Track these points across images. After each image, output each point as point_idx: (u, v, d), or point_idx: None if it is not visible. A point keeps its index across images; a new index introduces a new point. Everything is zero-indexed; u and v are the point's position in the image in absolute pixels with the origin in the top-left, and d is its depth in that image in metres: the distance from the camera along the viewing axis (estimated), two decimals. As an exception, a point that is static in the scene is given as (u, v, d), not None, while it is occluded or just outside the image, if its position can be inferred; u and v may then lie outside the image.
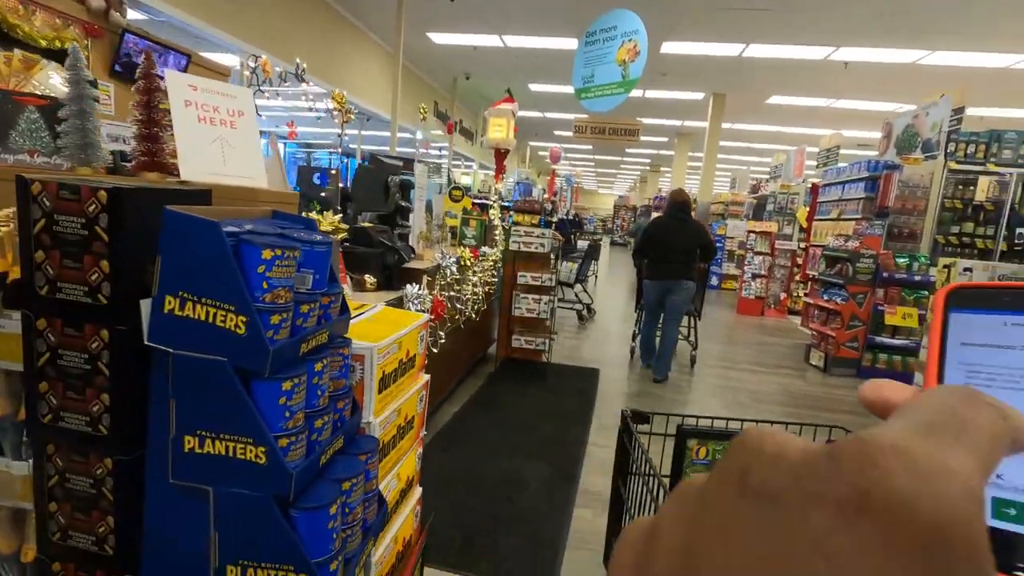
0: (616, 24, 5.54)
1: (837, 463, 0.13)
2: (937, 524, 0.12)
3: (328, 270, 1.07)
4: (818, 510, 0.13)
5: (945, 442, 0.13)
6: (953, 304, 0.24)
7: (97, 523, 0.99)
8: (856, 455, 0.13)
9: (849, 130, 12.01)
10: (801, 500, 0.13)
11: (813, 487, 0.13)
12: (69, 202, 0.89)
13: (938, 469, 0.13)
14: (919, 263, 5.52)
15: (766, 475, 0.14)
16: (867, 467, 0.13)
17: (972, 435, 0.14)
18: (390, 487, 1.34)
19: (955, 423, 0.14)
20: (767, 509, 0.13)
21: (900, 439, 0.13)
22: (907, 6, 6.19)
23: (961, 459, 0.13)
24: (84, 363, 0.94)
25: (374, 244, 2.42)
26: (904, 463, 0.13)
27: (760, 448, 0.15)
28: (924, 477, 0.12)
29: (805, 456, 0.14)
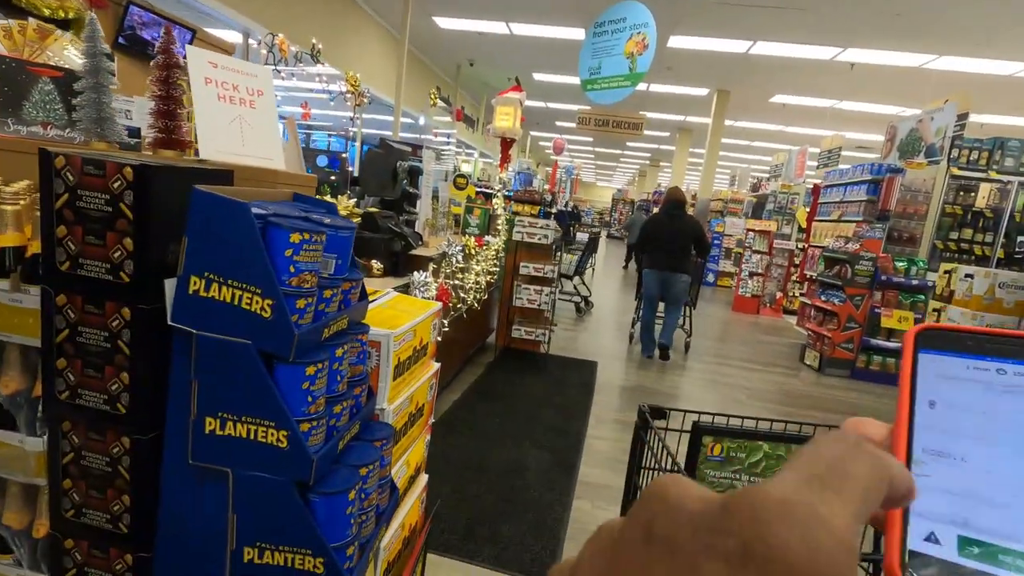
0: (626, 16, 5.49)
1: (729, 515, 0.14)
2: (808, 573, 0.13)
3: (350, 255, 1.07)
4: (709, 561, 0.14)
5: (826, 495, 0.15)
6: (922, 344, 0.24)
7: (112, 501, 0.98)
8: (746, 508, 0.14)
9: (851, 132, 12.03)
10: (695, 550, 0.14)
11: (706, 539, 0.14)
12: (94, 178, 0.88)
13: (815, 522, 0.14)
14: (917, 267, 5.55)
15: (667, 524, 0.15)
16: (753, 521, 0.14)
17: (851, 487, 0.15)
18: (400, 474, 1.34)
19: (837, 475, 0.15)
20: (667, 557, 0.15)
21: (785, 492, 0.14)
22: (918, 8, 6.17)
23: (837, 510, 0.14)
24: (104, 341, 0.93)
25: (381, 230, 2.41)
26: (786, 517, 0.14)
27: (665, 497, 0.16)
28: (802, 529, 0.14)
29: (703, 506, 0.15)
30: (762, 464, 1.09)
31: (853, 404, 4.85)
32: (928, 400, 0.24)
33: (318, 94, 6.98)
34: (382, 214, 2.45)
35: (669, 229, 5.05)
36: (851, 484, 0.15)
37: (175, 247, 0.94)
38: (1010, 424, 0.22)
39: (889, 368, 5.63)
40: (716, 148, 11.33)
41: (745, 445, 1.08)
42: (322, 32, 7.08)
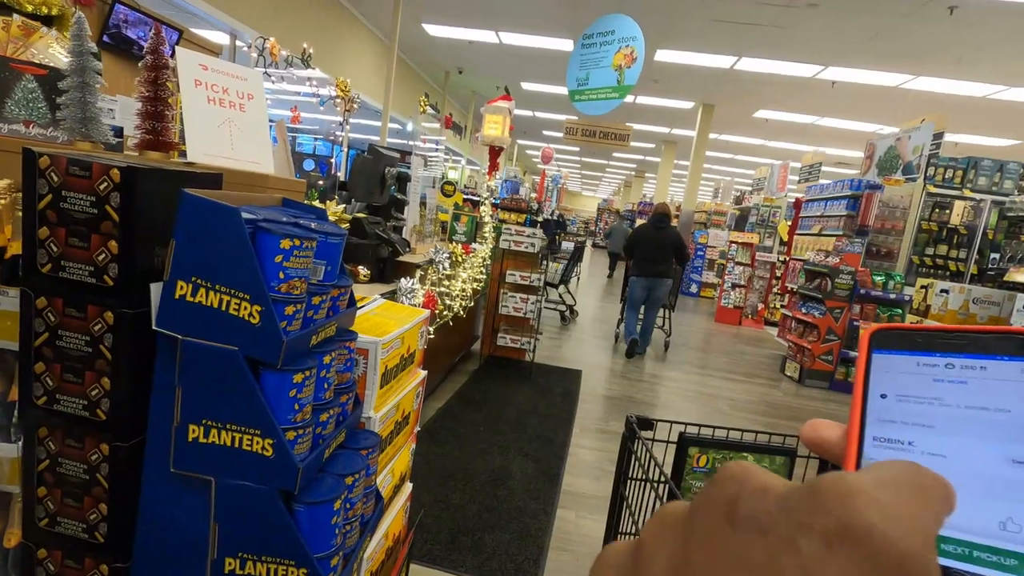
0: (614, 29, 5.56)
1: (819, 497, 0.15)
2: (907, 555, 0.14)
3: (339, 262, 1.06)
4: (805, 538, 0.14)
5: (906, 496, 0.15)
6: (875, 345, 0.25)
7: (89, 510, 0.96)
8: (838, 491, 0.15)
9: (831, 148, 12.30)
10: (789, 529, 0.15)
11: (800, 518, 0.15)
12: (79, 179, 0.87)
13: (904, 514, 0.15)
14: (895, 281, 5.68)
15: (754, 505, 0.16)
16: (847, 504, 0.14)
17: (926, 494, 0.16)
18: (385, 483, 1.33)
19: (912, 484, 0.16)
20: (756, 536, 0.15)
21: (871, 487, 0.15)
22: (895, 31, 6.35)
23: (920, 510, 0.15)
24: (85, 345, 0.91)
25: (368, 235, 2.39)
26: (874, 503, 0.14)
27: (748, 480, 0.16)
28: (893, 518, 0.14)
29: (789, 491, 0.16)
30: (747, 475, 1.10)
31: (832, 415, 4.90)
32: (879, 394, 0.25)
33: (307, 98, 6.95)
34: (370, 220, 2.43)
35: (655, 239, 5.66)
36: (927, 493, 0.16)
37: (161, 251, 0.93)
38: (956, 412, 0.23)
39: (867, 380, 5.73)
40: (700, 161, 11.49)
41: (730, 456, 1.09)
42: (313, 37, 7.06)
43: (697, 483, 1.09)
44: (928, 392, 0.24)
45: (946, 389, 0.24)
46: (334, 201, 1.71)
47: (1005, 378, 0.23)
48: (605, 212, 24.59)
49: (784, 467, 1.20)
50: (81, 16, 1.23)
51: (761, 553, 0.14)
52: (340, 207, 1.68)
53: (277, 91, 6.30)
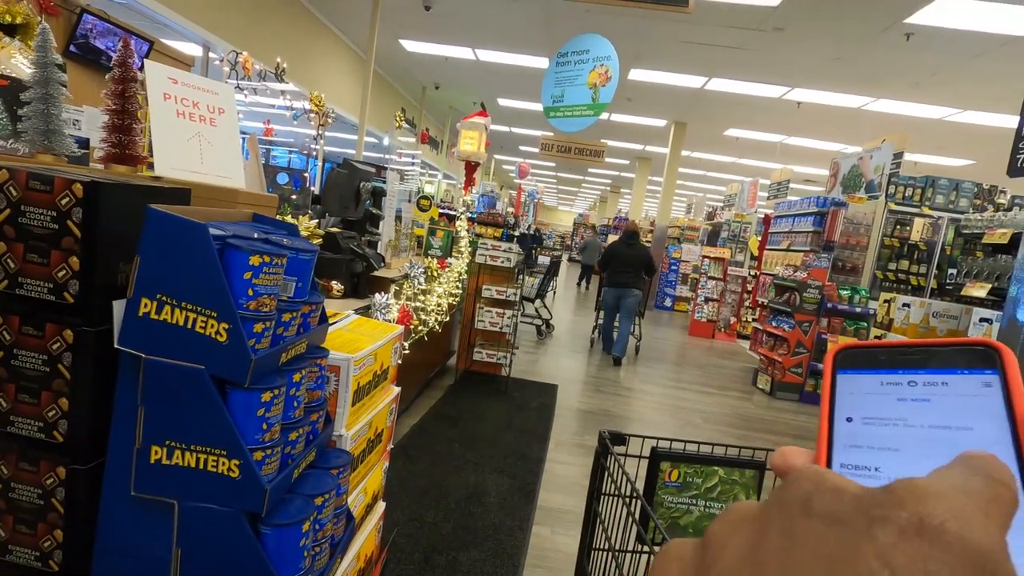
0: (589, 48, 5.68)
1: (894, 497, 0.16)
2: (984, 551, 0.14)
3: (310, 278, 1.05)
4: (883, 529, 0.15)
5: (977, 503, 0.16)
6: (839, 365, 0.25)
7: (43, 537, 0.92)
8: (911, 492, 0.16)
9: (798, 166, 12.69)
10: (867, 522, 0.15)
11: (876, 512, 0.15)
12: (39, 193, 0.84)
13: (977, 516, 0.15)
14: (860, 296, 5.85)
15: (831, 502, 0.16)
16: (922, 502, 0.15)
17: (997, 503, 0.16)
18: (357, 502, 1.31)
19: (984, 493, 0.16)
20: (834, 528, 0.15)
21: (942, 490, 0.16)
22: (856, 56, 6.63)
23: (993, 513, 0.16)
24: (42, 364, 0.88)
25: (342, 250, 2.37)
26: (947, 504, 0.15)
27: (823, 481, 0.17)
28: (968, 516, 0.15)
29: (863, 491, 0.16)
30: (717, 489, 1.12)
31: (803, 427, 5.01)
32: (845, 417, 0.24)
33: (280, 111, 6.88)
34: (344, 234, 2.41)
35: (626, 254, 6.29)
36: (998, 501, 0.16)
37: (125, 267, 0.91)
38: (921, 432, 0.23)
39: (835, 392, 5.86)
40: (673, 177, 11.73)
41: (701, 470, 1.10)
42: (287, 50, 7.02)
43: (669, 497, 1.10)
44: (893, 413, 0.23)
45: (910, 408, 0.23)
46: (307, 216, 1.69)
47: (966, 393, 0.22)
48: (581, 227, 24.84)
49: (754, 480, 1.22)
50: (46, 27, 1.21)
51: (837, 542, 0.15)
52: (313, 222, 1.66)
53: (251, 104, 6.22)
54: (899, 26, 5.69)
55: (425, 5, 7.05)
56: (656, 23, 6.45)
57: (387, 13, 7.19)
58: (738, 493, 1.23)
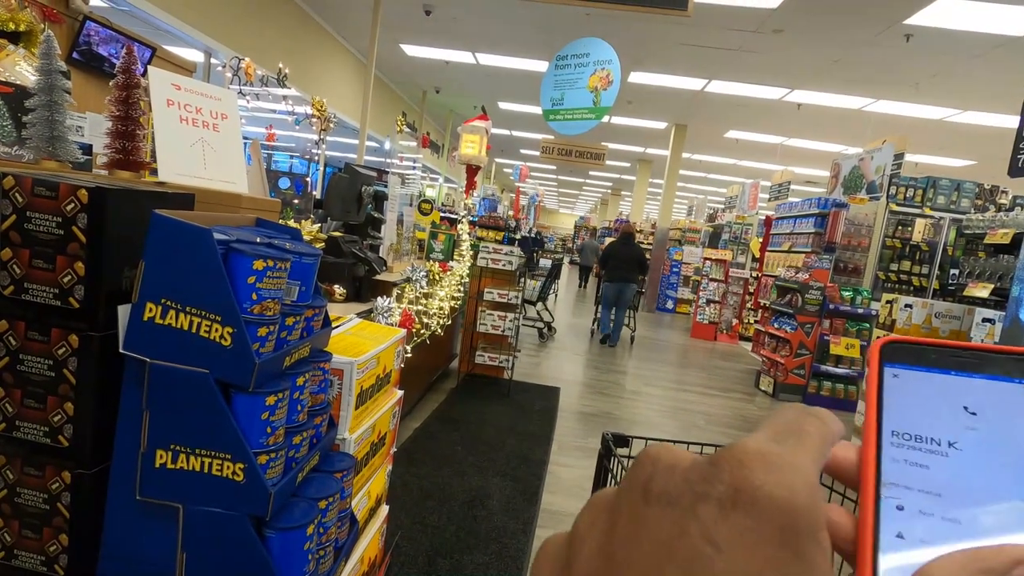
0: (589, 52, 5.69)
1: (717, 468, 0.17)
2: (787, 507, 0.16)
3: (313, 282, 1.05)
4: (704, 506, 0.16)
5: (790, 446, 0.18)
6: (886, 358, 0.24)
7: (48, 542, 0.92)
8: (730, 459, 0.17)
9: (799, 167, 12.69)
10: (691, 500, 0.16)
11: (700, 488, 0.16)
12: (45, 199, 0.85)
13: (788, 466, 0.17)
14: (862, 297, 5.85)
15: (664, 481, 0.17)
16: (738, 469, 0.16)
17: (807, 440, 0.18)
18: (360, 505, 1.31)
19: (796, 432, 0.18)
20: (666, 509, 0.17)
21: (761, 446, 0.17)
22: (856, 57, 6.64)
23: (802, 457, 0.17)
24: (48, 370, 0.89)
25: (344, 254, 2.38)
26: (764, 464, 0.16)
27: (659, 460, 0.18)
28: (779, 473, 0.16)
29: (693, 464, 0.18)
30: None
31: (806, 429, 4.99)
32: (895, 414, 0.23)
33: (282, 116, 6.91)
34: (346, 239, 2.42)
35: (622, 254, 7.18)
36: (807, 437, 0.18)
37: (130, 272, 0.91)
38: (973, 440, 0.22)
39: (839, 394, 5.86)
40: (674, 179, 11.74)
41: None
42: (289, 56, 7.05)
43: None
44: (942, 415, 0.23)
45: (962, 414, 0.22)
46: (309, 220, 1.70)
47: None
48: (582, 229, 24.87)
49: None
50: (50, 34, 1.22)
51: (669, 525, 0.16)
52: (315, 226, 1.67)
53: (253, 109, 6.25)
54: (899, 27, 5.70)
55: (425, 10, 7.08)
56: (656, 26, 6.47)
57: (387, 18, 7.22)
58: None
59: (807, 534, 0.16)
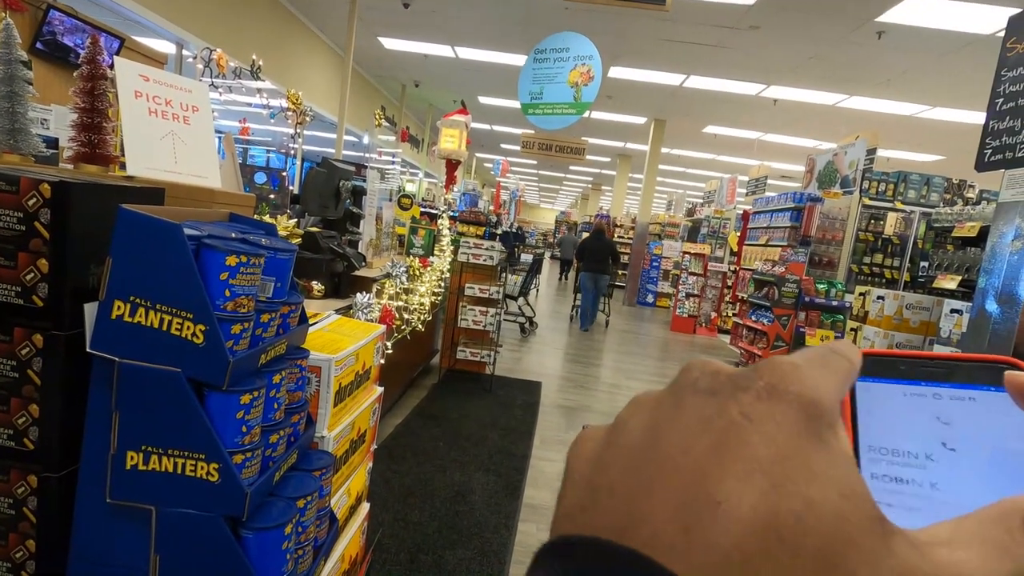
0: (569, 47, 5.69)
1: (757, 371, 0.19)
2: (813, 401, 0.19)
3: (289, 278, 1.03)
4: (745, 394, 0.19)
5: (818, 366, 0.20)
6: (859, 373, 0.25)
7: (15, 548, 0.89)
8: (768, 368, 0.20)
9: (775, 162, 12.88)
10: (733, 390, 0.19)
11: (741, 383, 0.19)
12: (5, 194, 0.82)
13: (815, 377, 0.19)
14: (836, 289, 5.97)
15: (711, 380, 0.20)
16: (775, 372, 0.19)
17: (832, 367, 0.21)
18: (340, 503, 1.29)
19: (824, 362, 0.21)
20: (710, 398, 0.19)
21: (796, 360, 0.20)
22: (830, 54, 6.75)
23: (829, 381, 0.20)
24: (11, 371, 0.86)
25: (322, 250, 2.34)
26: (796, 372, 0.19)
27: (706, 366, 0.21)
28: (809, 380, 0.19)
29: (736, 370, 0.20)
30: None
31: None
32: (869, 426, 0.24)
33: (257, 109, 6.77)
34: (324, 234, 2.39)
35: (596, 247, 8.13)
36: (833, 369, 0.21)
37: (97, 269, 0.89)
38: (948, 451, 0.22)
39: (814, 384, 5.97)
40: (654, 174, 11.82)
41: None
42: (264, 48, 6.91)
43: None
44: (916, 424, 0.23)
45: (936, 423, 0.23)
46: (286, 215, 1.67)
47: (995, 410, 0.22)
48: (563, 224, 24.93)
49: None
50: (10, 23, 1.17)
51: (712, 407, 0.19)
52: (291, 222, 1.64)
53: (227, 102, 6.12)
54: (871, 24, 5.81)
55: (403, 2, 7.00)
56: (634, 21, 6.49)
57: (365, 10, 7.13)
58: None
59: (828, 425, 0.19)
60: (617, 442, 0.20)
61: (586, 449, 0.21)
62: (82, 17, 3.57)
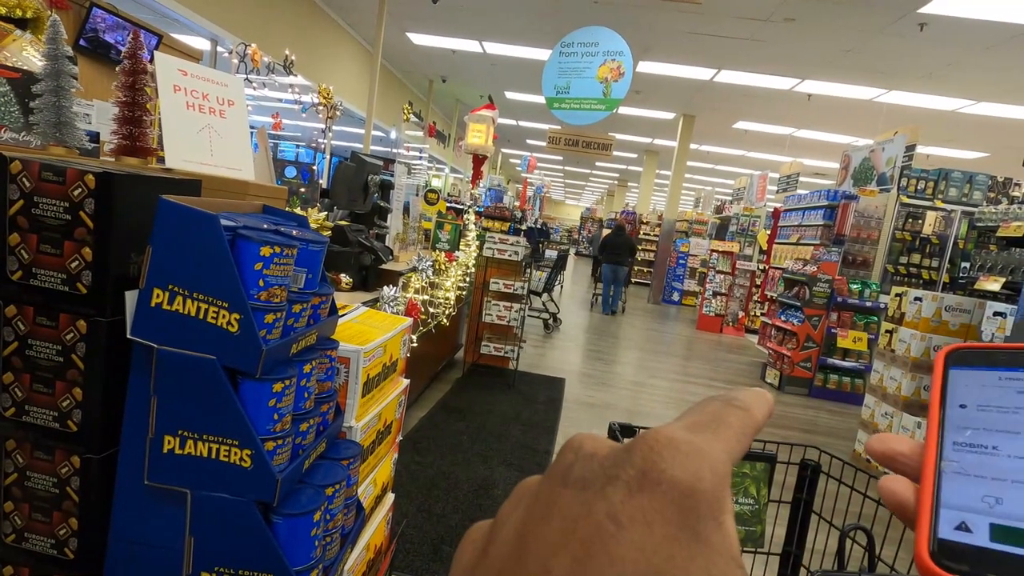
0: (598, 41, 5.63)
1: (630, 454, 0.18)
2: (689, 490, 0.16)
3: (320, 270, 1.05)
4: (612, 488, 0.17)
5: (705, 435, 0.18)
6: (952, 362, 0.27)
7: (58, 525, 0.93)
8: (642, 447, 0.18)
9: (808, 159, 12.56)
10: (602, 482, 0.17)
11: (612, 472, 0.17)
12: (52, 184, 0.85)
13: (696, 453, 0.17)
14: (871, 290, 5.80)
15: (583, 467, 0.18)
16: (648, 454, 0.17)
17: (724, 432, 0.19)
18: (366, 493, 1.31)
19: (714, 423, 0.19)
20: (579, 492, 0.17)
21: (673, 433, 0.18)
22: (868, 46, 6.54)
23: (712, 445, 0.18)
24: (56, 355, 0.89)
25: (351, 243, 2.38)
26: (672, 450, 0.17)
27: (581, 448, 0.19)
28: (685, 458, 0.17)
29: (611, 451, 0.18)
30: (728, 481, 1.11)
31: (811, 421, 4.99)
32: (959, 404, 0.25)
33: (288, 104, 6.89)
34: (352, 227, 2.42)
35: (616, 242, 9.37)
36: (725, 429, 0.19)
37: (137, 258, 0.91)
38: None
39: (845, 387, 5.83)
40: (682, 170, 11.65)
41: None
42: (295, 43, 7.02)
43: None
44: (1012, 402, 0.24)
45: None
46: (316, 208, 1.70)
47: None
48: (588, 221, 24.77)
49: (765, 473, 1.21)
50: (56, 19, 1.21)
51: (579, 505, 0.17)
52: (322, 214, 1.67)
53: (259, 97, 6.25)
54: (912, 16, 5.60)
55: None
56: (665, 15, 6.39)
57: (394, 6, 7.17)
58: (748, 486, 1.22)
59: (708, 516, 0.16)
60: (488, 553, 0.19)
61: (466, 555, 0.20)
62: (123, 14, 3.68)
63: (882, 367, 3.89)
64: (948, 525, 0.22)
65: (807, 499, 1.28)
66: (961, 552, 0.21)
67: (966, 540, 0.22)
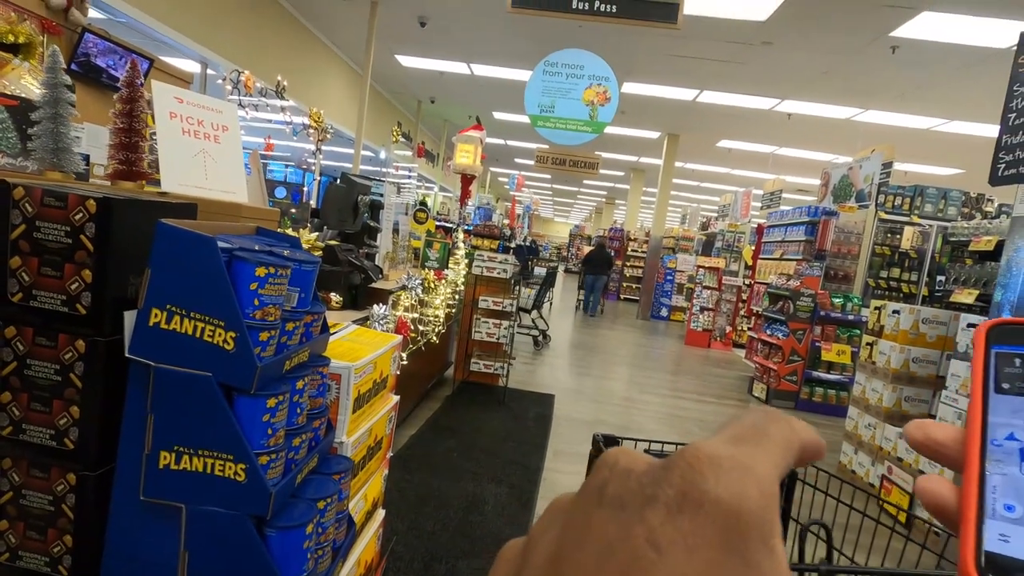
0: (583, 64, 5.76)
1: (668, 472, 0.17)
2: (734, 511, 0.15)
3: (312, 289, 1.09)
4: (651, 510, 0.16)
5: (747, 448, 0.17)
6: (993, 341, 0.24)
7: (53, 543, 0.95)
8: (682, 463, 0.17)
9: (790, 176, 12.83)
10: (640, 503, 0.16)
11: (650, 491, 0.16)
12: (54, 209, 0.88)
13: (740, 470, 0.16)
14: (852, 304, 5.92)
15: (619, 485, 0.17)
16: (688, 472, 0.16)
17: (767, 444, 0.18)
18: (357, 508, 1.33)
19: (757, 435, 0.18)
20: (616, 512, 0.16)
21: (714, 449, 0.17)
22: (844, 68, 6.76)
23: (759, 460, 0.17)
24: (54, 374, 0.91)
25: (341, 263, 2.41)
26: (715, 467, 0.16)
27: (615, 464, 0.18)
28: (728, 476, 0.16)
29: (648, 468, 0.17)
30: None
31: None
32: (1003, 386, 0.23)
33: (279, 126, 6.95)
34: (342, 247, 2.46)
35: (598, 257, 11.43)
36: (768, 441, 0.18)
37: (135, 279, 0.94)
38: None
39: (830, 399, 5.91)
40: (667, 188, 11.84)
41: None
42: (286, 66, 7.11)
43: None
44: None
45: None
46: (307, 229, 1.73)
47: None
48: (577, 238, 24.97)
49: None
50: (56, 49, 1.26)
51: (616, 527, 0.16)
52: (313, 235, 1.71)
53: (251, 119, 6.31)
54: (884, 39, 5.81)
55: (420, 21, 7.16)
56: (647, 38, 6.57)
57: (383, 29, 7.30)
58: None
59: (756, 539, 0.15)
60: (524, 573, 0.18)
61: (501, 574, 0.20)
62: (114, 39, 3.72)
63: (864, 379, 3.96)
64: (994, 536, 0.20)
65: (785, 507, 1.32)
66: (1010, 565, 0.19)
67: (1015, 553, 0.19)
